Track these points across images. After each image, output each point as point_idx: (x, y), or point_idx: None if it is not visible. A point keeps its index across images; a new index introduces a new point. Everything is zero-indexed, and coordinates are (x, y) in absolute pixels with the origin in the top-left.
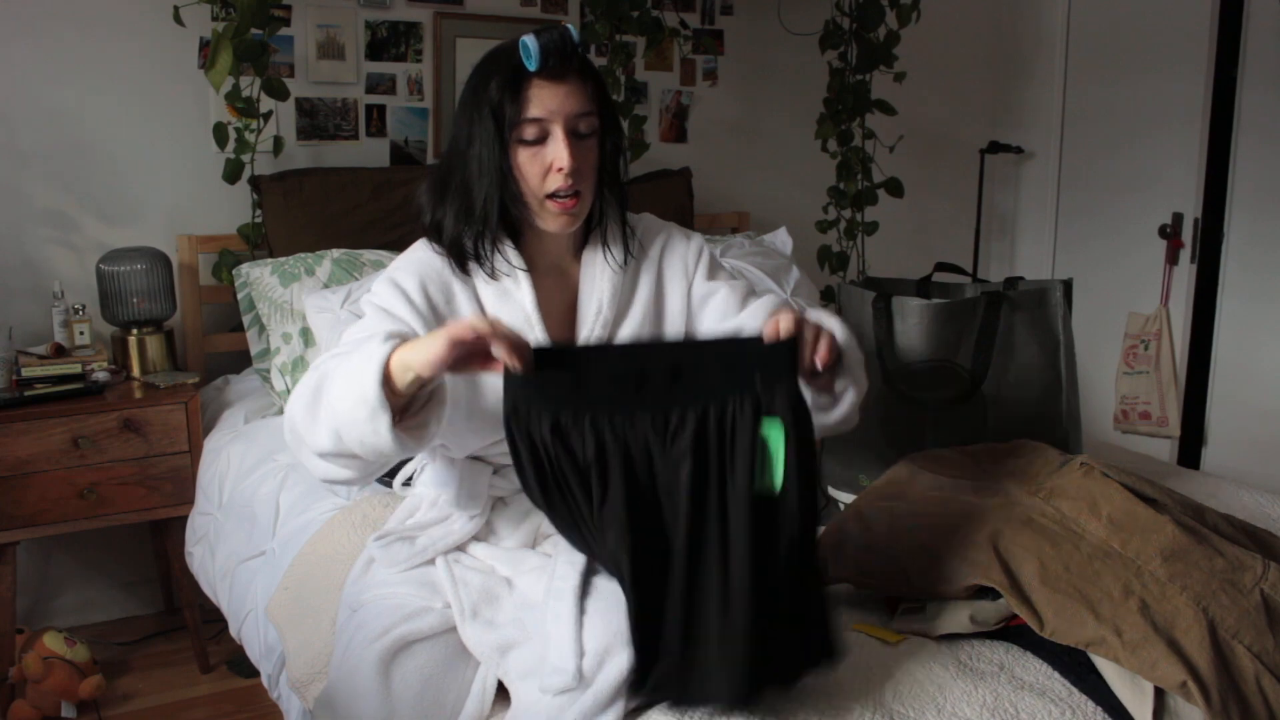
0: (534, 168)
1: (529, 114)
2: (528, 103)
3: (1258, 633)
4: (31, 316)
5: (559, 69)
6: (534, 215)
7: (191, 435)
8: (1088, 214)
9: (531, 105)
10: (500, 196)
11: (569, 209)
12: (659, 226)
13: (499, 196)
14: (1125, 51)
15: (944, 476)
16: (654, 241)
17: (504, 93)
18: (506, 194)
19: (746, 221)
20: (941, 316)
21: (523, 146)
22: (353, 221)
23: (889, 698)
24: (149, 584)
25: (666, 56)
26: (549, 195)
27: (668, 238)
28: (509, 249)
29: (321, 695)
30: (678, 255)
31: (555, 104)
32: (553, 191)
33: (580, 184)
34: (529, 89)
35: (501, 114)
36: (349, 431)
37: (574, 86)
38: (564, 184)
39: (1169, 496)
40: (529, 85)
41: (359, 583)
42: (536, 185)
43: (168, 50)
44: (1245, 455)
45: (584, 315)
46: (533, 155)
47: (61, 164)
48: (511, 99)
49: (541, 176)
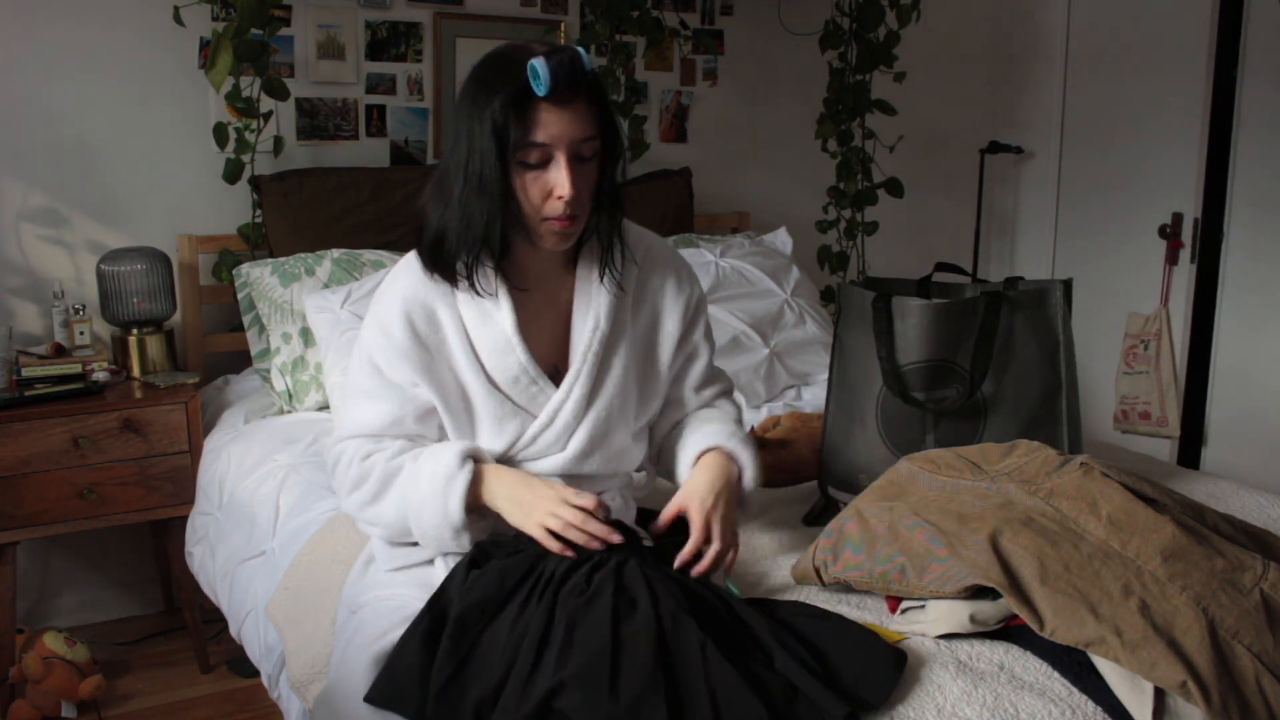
0: (535, 190)
1: (534, 138)
2: (533, 127)
3: (1258, 633)
4: (31, 316)
5: (567, 95)
6: (532, 236)
7: (191, 435)
8: (1088, 214)
9: (537, 130)
10: (500, 214)
11: (565, 229)
12: (666, 256)
13: (499, 213)
14: (1125, 51)
15: (944, 476)
16: (658, 269)
17: (509, 114)
18: (506, 214)
19: (746, 221)
20: (941, 316)
21: (524, 169)
22: (353, 221)
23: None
24: (149, 584)
25: (666, 56)
26: (546, 218)
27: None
28: (489, 269)
29: (321, 695)
30: (680, 301)
31: (560, 129)
32: (551, 216)
33: (578, 209)
34: (535, 113)
35: (506, 135)
36: (420, 533)
37: (579, 111)
38: (563, 211)
39: (1169, 496)
40: (536, 109)
41: (358, 583)
42: (536, 207)
43: (168, 50)
44: (1245, 455)
45: (579, 331)
46: (534, 179)
47: (62, 164)
48: (517, 121)
49: (542, 199)
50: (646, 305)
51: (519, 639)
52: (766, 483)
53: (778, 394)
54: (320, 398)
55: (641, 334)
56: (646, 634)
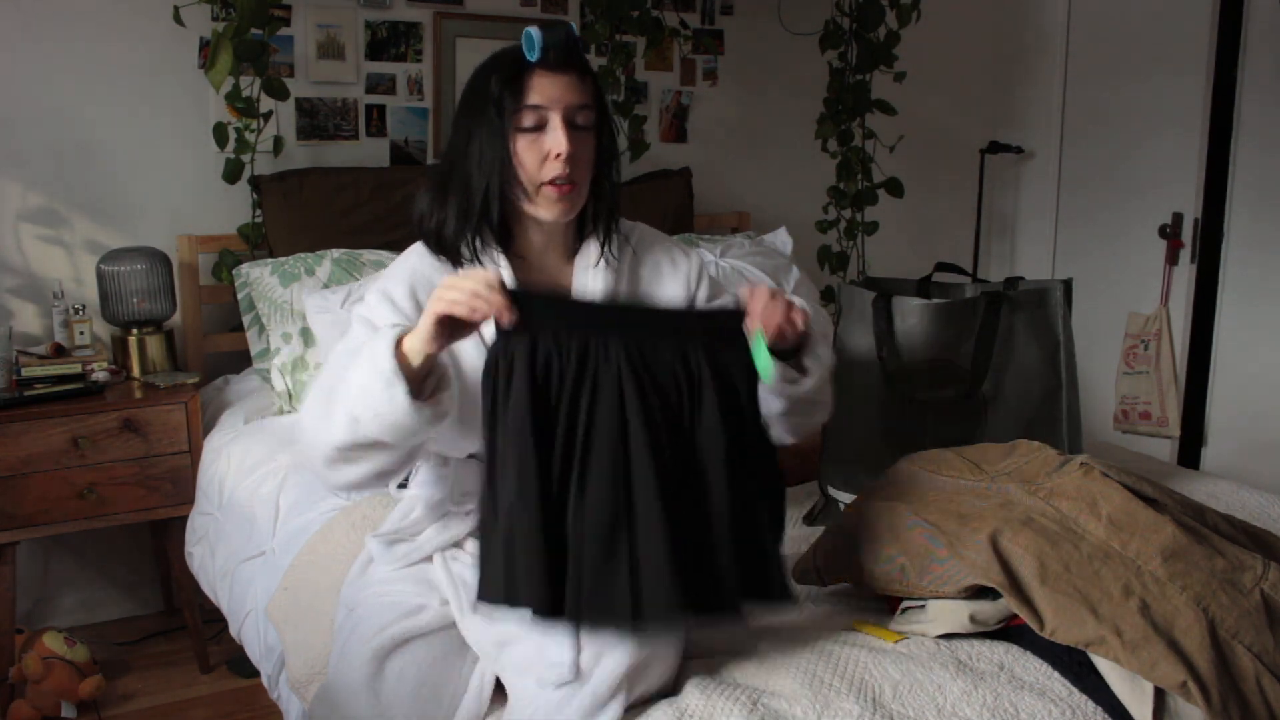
0: (532, 155)
1: (528, 101)
2: (528, 90)
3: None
4: (31, 317)
5: (560, 62)
6: (530, 203)
7: (191, 435)
8: (1088, 214)
9: (531, 93)
10: (500, 185)
11: (565, 194)
12: (656, 237)
13: (499, 185)
14: (1125, 51)
15: (944, 476)
16: (651, 250)
17: (505, 85)
18: (505, 182)
19: (746, 221)
20: (941, 316)
21: (521, 134)
22: (353, 221)
23: (889, 698)
24: (149, 584)
25: (666, 56)
26: (546, 182)
27: (667, 250)
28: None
29: (319, 693)
30: (679, 269)
31: (555, 93)
32: (550, 179)
33: (576, 174)
34: (530, 78)
35: (502, 105)
36: (365, 410)
37: (574, 80)
38: (561, 171)
39: (1169, 496)
40: (530, 75)
41: (357, 582)
42: (534, 172)
43: (168, 50)
44: (1245, 455)
45: None
46: (531, 142)
47: (61, 164)
48: (512, 89)
49: (539, 164)
50: (641, 286)
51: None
52: None
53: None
54: None
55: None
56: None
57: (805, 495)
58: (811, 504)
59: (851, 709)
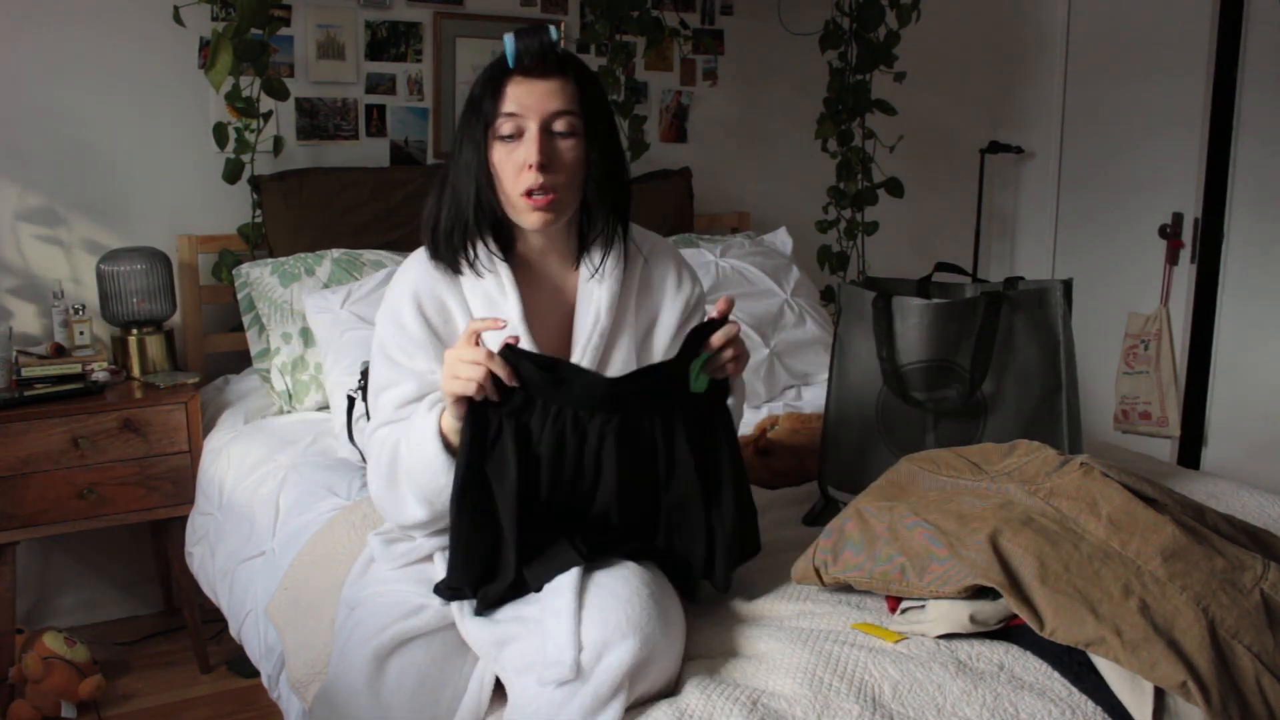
0: (509, 165)
1: (504, 109)
2: (504, 98)
3: (1258, 632)
4: (31, 317)
5: (536, 67)
6: (513, 211)
7: (191, 435)
8: (1088, 214)
9: (507, 100)
10: (480, 192)
11: (541, 205)
12: (669, 252)
13: (486, 193)
14: (1125, 51)
15: (944, 476)
16: (660, 260)
17: (485, 89)
18: (485, 190)
19: (746, 221)
20: (941, 316)
21: (500, 143)
22: (353, 221)
23: (889, 698)
24: (149, 584)
25: (666, 56)
26: (524, 193)
27: (676, 269)
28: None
29: (319, 692)
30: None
31: (531, 101)
32: (524, 189)
33: (554, 182)
34: (507, 85)
35: (482, 109)
36: (432, 492)
37: (554, 86)
38: (534, 182)
39: (1169, 496)
40: (508, 82)
41: (358, 582)
42: (511, 183)
43: (168, 50)
44: (1245, 455)
45: (581, 324)
46: (508, 152)
47: (61, 164)
48: (491, 95)
49: (516, 174)
50: (650, 299)
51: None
52: (766, 484)
53: (778, 394)
54: (320, 398)
55: (643, 327)
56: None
57: (805, 495)
58: (811, 504)
59: (851, 709)
